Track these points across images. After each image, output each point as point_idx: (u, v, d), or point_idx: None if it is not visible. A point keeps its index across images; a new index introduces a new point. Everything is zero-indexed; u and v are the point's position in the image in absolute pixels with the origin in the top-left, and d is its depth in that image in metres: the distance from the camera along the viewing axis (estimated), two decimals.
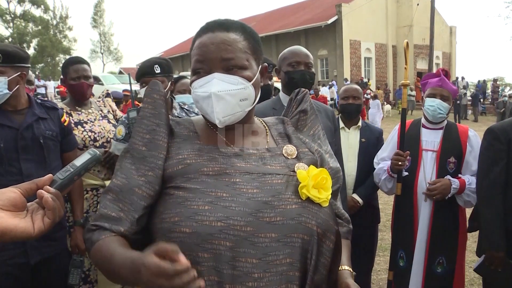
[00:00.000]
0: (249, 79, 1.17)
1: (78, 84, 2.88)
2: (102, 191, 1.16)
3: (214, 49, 1.15)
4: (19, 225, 0.85)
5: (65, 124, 2.48)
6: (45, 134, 2.33)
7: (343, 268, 1.19)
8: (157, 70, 2.67)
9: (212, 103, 1.14)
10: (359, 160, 3.21)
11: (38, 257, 2.27)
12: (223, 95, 1.14)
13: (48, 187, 0.92)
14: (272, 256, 1.01)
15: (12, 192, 0.87)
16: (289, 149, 1.22)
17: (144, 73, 2.70)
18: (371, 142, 3.26)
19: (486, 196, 2.51)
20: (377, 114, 16.04)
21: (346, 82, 21.06)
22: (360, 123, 3.33)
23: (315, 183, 1.09)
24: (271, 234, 1.02)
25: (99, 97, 3.32)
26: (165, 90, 2.75)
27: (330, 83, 25.57)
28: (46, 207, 0.89)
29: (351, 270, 1.21)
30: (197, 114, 2.77)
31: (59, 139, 2.43)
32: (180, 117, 2.00)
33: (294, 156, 1.20)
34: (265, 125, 1.32)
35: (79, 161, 1.02)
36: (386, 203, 6.04)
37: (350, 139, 3.27)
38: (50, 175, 0.93)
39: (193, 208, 1.02)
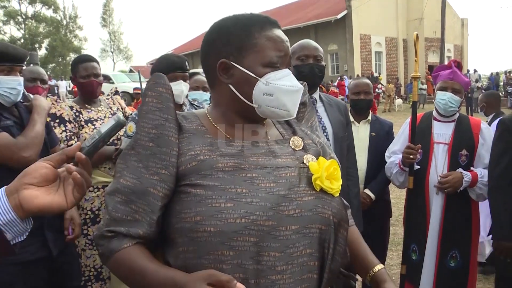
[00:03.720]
0: None
1: (88, 82, 2.89)
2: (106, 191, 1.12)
3: (288, 46, 1.20)
4: (54, 201, 0.89)
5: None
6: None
7: (378, 269, 1.22)
8: (187, 67, 2.63)
9: (298, 97, 1.19)
10: (369, 154, 3.18)
11: (56, 249, 2.30)
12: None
13: (79, 153, 0.92)
14: (293, 248, 1.03)
15: (44, 168, 0.88)
16: (296, 141, 1.22)
17: (176, 67, 2.57)
18: (381, 136, 3.23)
19: (495, 186, 2.54)
20: None
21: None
22: (370, 117, 3.28)
23: (328, 174, 1.11)
24: (291, 227, 1.04)
25: (108, 95, 3.33)
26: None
27: (339, 78, 25.42)
28: (75, 183, 0.90)
29: (383, 266, 1.24)
30: None
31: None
32: None
33: (301, 148, 1.21)
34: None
35: (104, 127, 0.98)
36: (398, 197, 6.01)
37: (360, 133, 3.23)
38: (78, 143, 0.93)
39: (215, 206, 1.01)
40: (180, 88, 2.56)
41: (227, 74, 1.17)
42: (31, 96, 2.49)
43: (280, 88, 1.13)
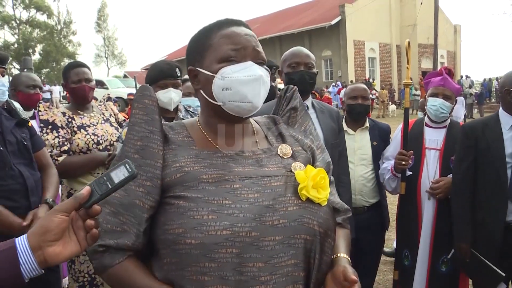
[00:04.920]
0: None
1: (79, 87, 2.90)
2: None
3: (248, 39, 1.16)
4: (73, 251, 0.96)
5: (29, 125, 2.45)
6: (25, 136, 2.34)
7: (340, 255, 1.16)
8: (178, 73, 2.62)
9: (259, 86, 1.14)
10: (375, 164, 3.03)
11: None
12: (266, 81, 1.16)
13: (97, 208, 0.95)
14: (277, 258, 1.03)
15: (63, 223, 0.93)
16: (284, 149, 1.22)
17: (165, 75, 2.57)
18: (383, 142, 3.10)
19: (455, 190, 2.63)
20: (461, 110, 15.86)
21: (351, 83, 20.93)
22: (367, 124, 3.10)
23: (314, 183, 1.10)
24: (275, 237, 1.03)
25: (100, 101, 3.34)
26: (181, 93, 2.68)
27: (333, 84, 25.47)
28: (92, 237, 0.96)
29: (348, 258, 1.17)
30: None
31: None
32: (183, 120, 1.96)
33: (289, 156, 1.21)
34: (258, 125, 1.31)
35: (117, 176, 0.93)
36: (391, 203, 6.02)
37: (358, 142, 3.04)
38: (88, 188, 0.94)
39: (197, 219, 1.01)
40: (169, 95, 2.56)
41: (196, 80, 1.20)
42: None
43: (236, 80, 1.12)
